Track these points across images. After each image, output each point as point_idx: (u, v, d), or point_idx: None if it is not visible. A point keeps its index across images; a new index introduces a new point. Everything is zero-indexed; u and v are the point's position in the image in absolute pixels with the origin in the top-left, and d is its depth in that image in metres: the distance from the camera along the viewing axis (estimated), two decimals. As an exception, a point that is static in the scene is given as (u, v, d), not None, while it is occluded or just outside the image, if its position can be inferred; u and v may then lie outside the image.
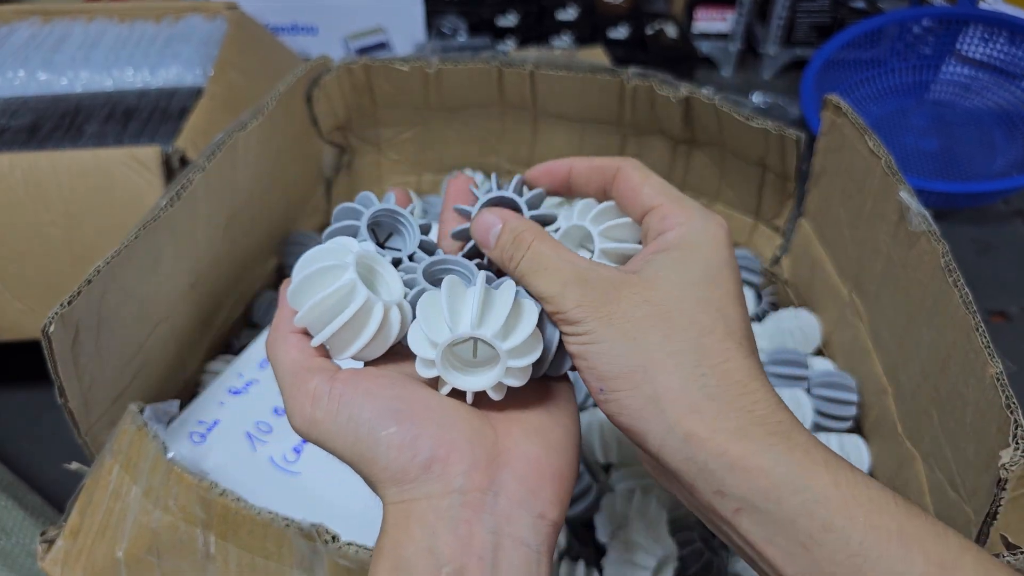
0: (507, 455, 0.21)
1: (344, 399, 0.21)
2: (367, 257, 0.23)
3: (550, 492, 0.21)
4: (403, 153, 0.60)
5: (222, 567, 0.27)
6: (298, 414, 0.21)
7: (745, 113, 0.47)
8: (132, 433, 0.29)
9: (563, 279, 0.22)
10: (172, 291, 0.40)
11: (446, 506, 0.19)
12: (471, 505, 0.19)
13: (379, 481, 0.20)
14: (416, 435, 0.20)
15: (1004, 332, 0.62)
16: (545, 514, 0.20)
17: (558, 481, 0.21)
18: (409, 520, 0.19)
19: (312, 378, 0.21)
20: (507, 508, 0.20)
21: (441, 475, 0.20)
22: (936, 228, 0.36)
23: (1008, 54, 0.80)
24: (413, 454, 0.20)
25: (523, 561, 0.19)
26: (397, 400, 0.21)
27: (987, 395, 0.30)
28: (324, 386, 0.21)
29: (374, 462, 0.20)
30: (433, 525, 0.19)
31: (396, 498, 0.20)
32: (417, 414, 0.20)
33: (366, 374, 0.22)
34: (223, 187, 0.43)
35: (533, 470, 0.21)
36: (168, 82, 0.59)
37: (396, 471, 0.20)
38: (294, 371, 0.22)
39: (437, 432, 0.20)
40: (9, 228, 0.48)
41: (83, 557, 0.29)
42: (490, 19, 0.90)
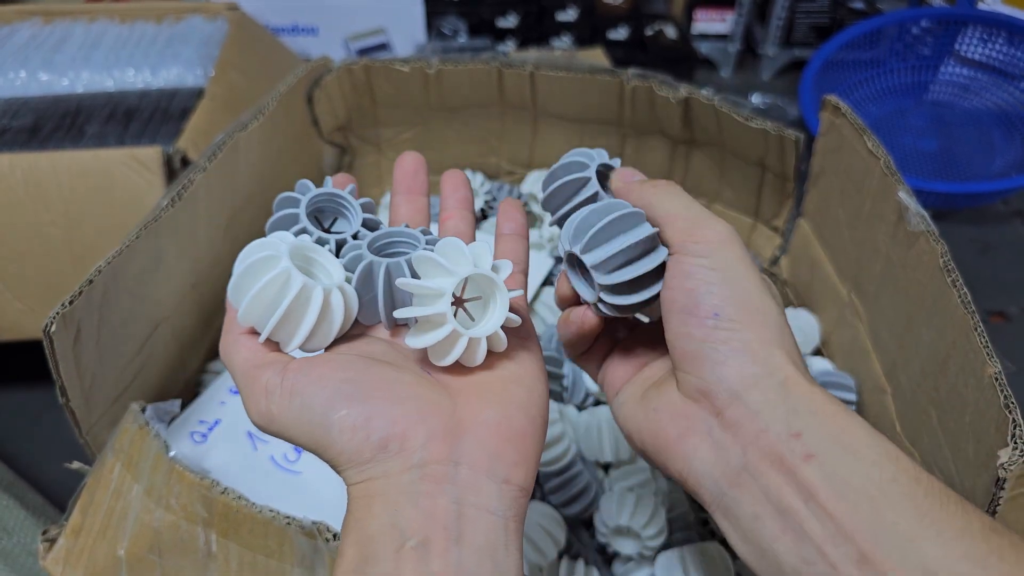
0: (467, 423, 0.21)
1: (296, 388, 0.21)
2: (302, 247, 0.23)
3: (513, 455, 0.20)
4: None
5: (223, 565, 0.27)
6: (253, 410, 0.21)
7: (744, 114, 0.47)
8: (134, 432, 0.29)
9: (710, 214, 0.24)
10: (173, 291, 0.40)
11: (406, 481, 0.19)
12: (432, 478, 0.19)
13: (338, 465, 0.20)
14: (368, 415, 0.20)
15: (1003, 332, 0.62)
16: (510, 478, 0.20)
17: (521, 442, 0.21)
18: (371, 499, 0.19)
19: (264, 373, 0.21)
20: (470, 477, 0.20)
21: (399, 452, 0.20)
22: (935, 228, 0.36)
23: (1007, 55, 0.80)
24: (367, 434, 0.20)
25: (488, 528, 0.19)
26: (348, 382, 0.21)
27: (986, 395, 0.30)
28: (275, 379, 0.21)
29: (330, 446, 0.20)
30: (395, 500, 0.19)
31: (356, 478, 0.20)
32: (369, 394, 0.20)
33: (318, 360, 0.22)
34: (224, 187, 0.43)
35: (494, 434, 0.20)
36: (169, 82, 0.59)
37: (352, 453, 0.20)
38: (246, 370, 0.22)
39: (390, 409, 0.20)
40: (10, 228, 0.48)
41: (84, 556, 0.29)
42: (490, 20, 0.90)
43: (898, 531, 0.18)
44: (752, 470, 0.20)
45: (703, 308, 0.22)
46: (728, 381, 0.21)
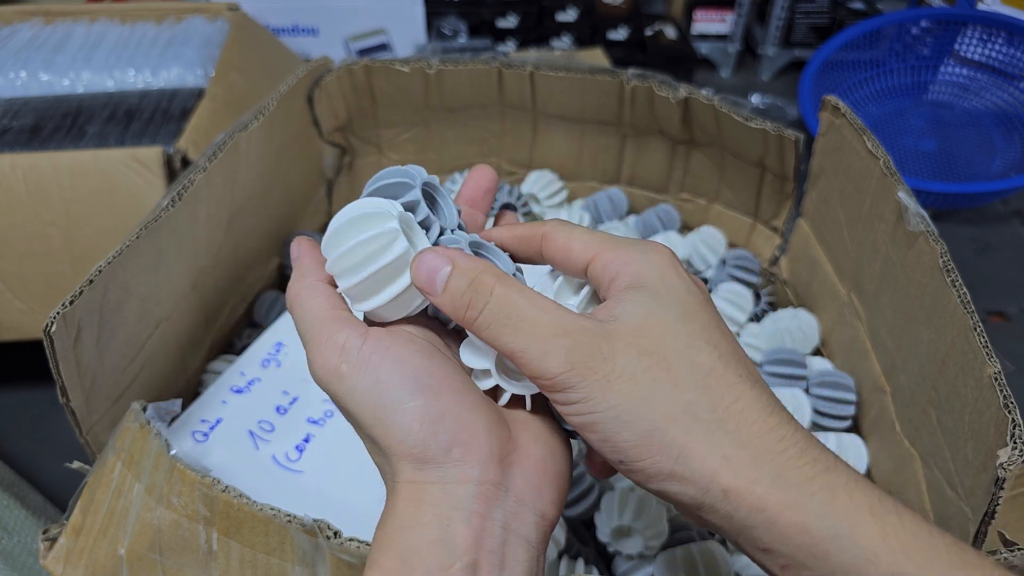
0: (518, 453, 0.20)
1: (374, 359, 0.20)
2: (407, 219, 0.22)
3: (552, 493, 0.20)
4: (403, 154, 0.60)
5: (224, 563, 0.27)
6: (322, 364, 0.20)
7: (744, 114, 0.47)
8: (135, 431, 0.29)
9: (543, 335, 0.19)
10: (174, 291, 0.40)
11: (461, 495, 0.19)
12: (484, 497, 0.19)
13: (394, 453, 0.19)
14: (441, 414, 0.19)
15: (1003, 332, 0.62)
16: (546, 514, 0.20)
17: (558, 484, 0.21)
18: (422, 504, 0.19)
19: (342, 329, 0.20)
20: (515, 505, 0.19)
21: (460, 461, 0.19)
22: (934, 228, 0.36)
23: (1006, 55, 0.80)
24: (435, 432, 0.19)
25: (527, 558, 0.19)
26: (426, 373, 0.20)
27: (985, 395, 0.30)
28: (355, 340, 0.20)
29: (394, 431, 0.19)
30: (448, 514, 0.18)
31: (410, 477, 0.19)
32: (444, 393, 0.20)
33: (396, 337, 0.21)
34: (224, 187, 0.43)
35: (539, 471, 0.20)
36: (169, 83, 0.59)
37: (415, 445, 0.19)
38: (322, 319, 0.21)
39: (462, 416, 0.20)
40: (10, 228, 0.48)
41: (85, 555, 0.29)
42: (490, 20, 0.90)
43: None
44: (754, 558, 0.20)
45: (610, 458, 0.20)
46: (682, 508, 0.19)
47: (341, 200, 0.59)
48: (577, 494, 0.38)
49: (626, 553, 0.37)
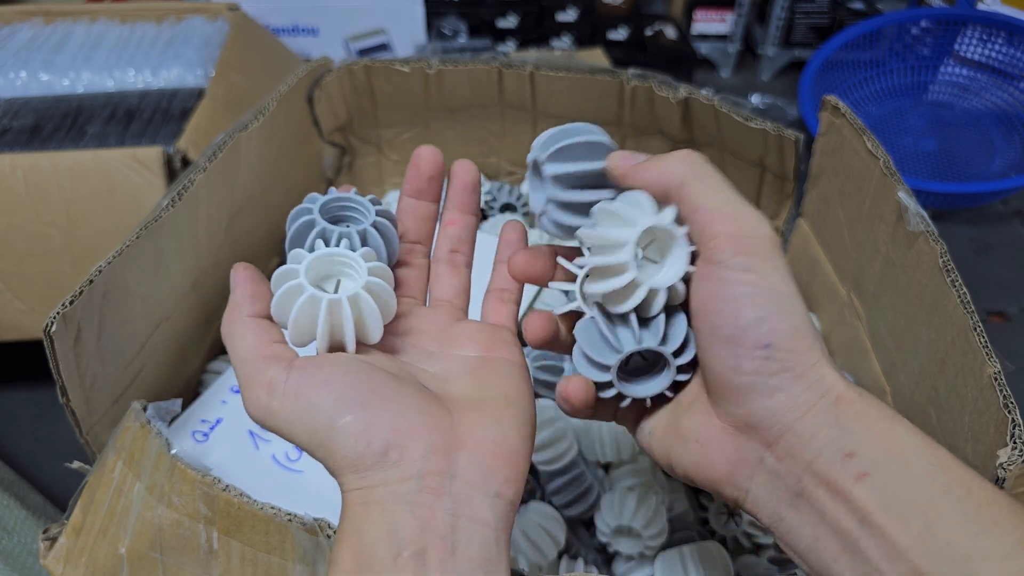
0: (464, 439, 0.21)
1: (301, 389, 0.21)
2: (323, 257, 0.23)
3: (505, 471, 0.21)
4: (404, 154, 0.60)
5: (224, 562, 0.27)
6: (254, 403, 0.21)
7: (744, 114, 0.47)
8: (135, 430, 0.29)
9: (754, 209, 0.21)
10: (174, 291, 0.40)
11: (405, 491, 0.20)
12: (429, 489, 0.20)
13: (337, 468, 0.20)
14: (372, 422, 0.20)
15: (1003, 332, 0.63)
16: (502, 493, 0.21)
17: (513, 460, 0.21)
18: (368, 505, 0.20)
19: (268, 367, 0.21)
20: (464, 489, 0.20)
21: (398, 461, 0.20)
22: (934, 228, 0.36)
23: (1006, 55, 0.80)
24: (369, 441, 0.20)
25: (482, 540, 0.20)
26: (353, 388, 0.21)
27: (985, 395, 0.30)
28: (280, 375, 0.21)
29: (332, 450, 0.20)
30: (392, 509, 0.19)
31: (355, 484, 0.20)
32: (373, 402, 0.21)
33: (322, 361, 0.22)
34: (224, 187, 0.43)
35: (488, 452, 0.21)
36: (170, 83, 0.59)
37: (354, 458, 0.20)
38: (251, 359, 0.22)
39: (393, 419, 0.20)
40: (10, 228, 0.48)
41: (86, 554, 0.29)
42: (490, 21, 0.90)
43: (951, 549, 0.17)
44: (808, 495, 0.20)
45: (752, 338, 0.20)
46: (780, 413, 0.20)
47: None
48: (577, 494, 0.38)
49: (626, 553, 0.37)
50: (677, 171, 0.22)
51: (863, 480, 0.19)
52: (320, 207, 0.25)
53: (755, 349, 0.20)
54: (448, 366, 0.24)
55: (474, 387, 0.23)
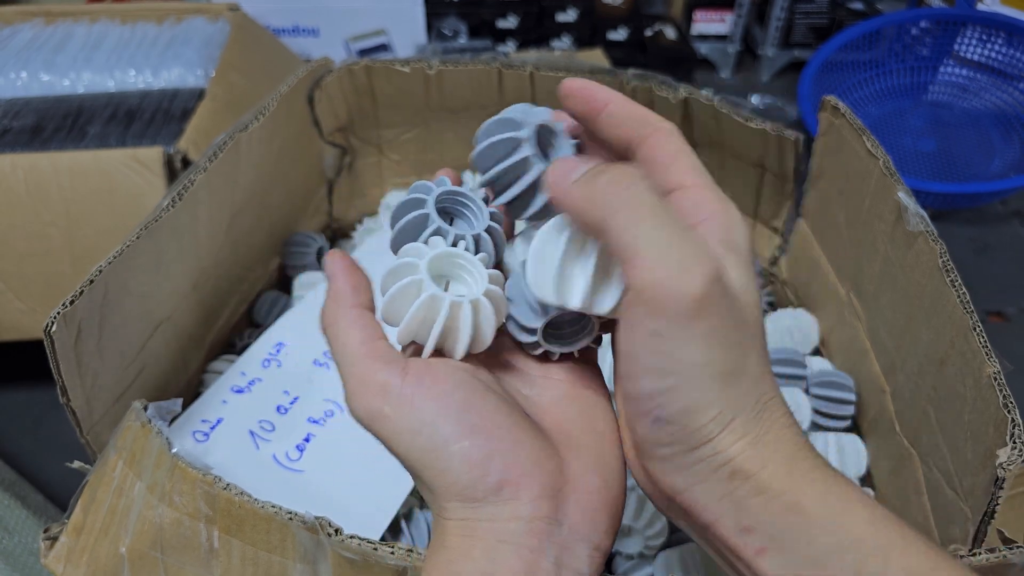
0: (571, 484, 0.20)
1: (416, 400, 0.19)
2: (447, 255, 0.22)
3: (606, 524, 0.20)
4: (404, 154, 0.60)
5: (225, 561, 0.27)
6: (364, 407, 0.20)
7: (744, 114, 0.47)
8: (136, 429, 0.29)
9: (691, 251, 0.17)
10: (174, 291, 0.40)
11: (512, 530, 0.19)
12: (536, 533, 0.19)
13: (443, 494, 0.19)
14: (489, 453, 0.19)
15: (1002, 332, 0.63)
16: (600, 545, 0.20)
17: (614, 510, 0.20)
18: (473, 539, 0.19)
19: (381, 367, 0.20)
20: (569, 539, 0.19)
21: (511, 499, 0.19)
22: (933, 228, 0.36)
23: (1006, 55, 0.80)
24: (484, 473, 0.19)
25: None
26: (471, 410, 0.20)
27: (984, 394, 0.30)
28: (396, 379, 0.20)
29: (443, 474, 0.19)
30: (496, 549, 0.18)
31: (459, 515, 0.19)
32: (490, 430, 0.19)
33: (436, 372, 0.20)
34: (225, 188, 0.43)
35: (595, 500, 0.20)
36: (170, 83, 0.59)
37: (464, 487, 0.19)
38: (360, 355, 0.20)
39: (510, 452, 0.19)
40: (10, 228, 0.48)
41: (86, 554, 0.29)
42: (490, 21, 0.90)
43: None
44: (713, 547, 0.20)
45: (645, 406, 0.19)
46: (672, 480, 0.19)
47: (341, 200, 0.59)
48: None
49: (626, 553, 0.37)
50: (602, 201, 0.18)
51: (763, 555, 0.18)
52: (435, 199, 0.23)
53: (646, 417, 0.19)
54: (541, 391, 0.23)
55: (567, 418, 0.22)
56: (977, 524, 0.29)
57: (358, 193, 0.60)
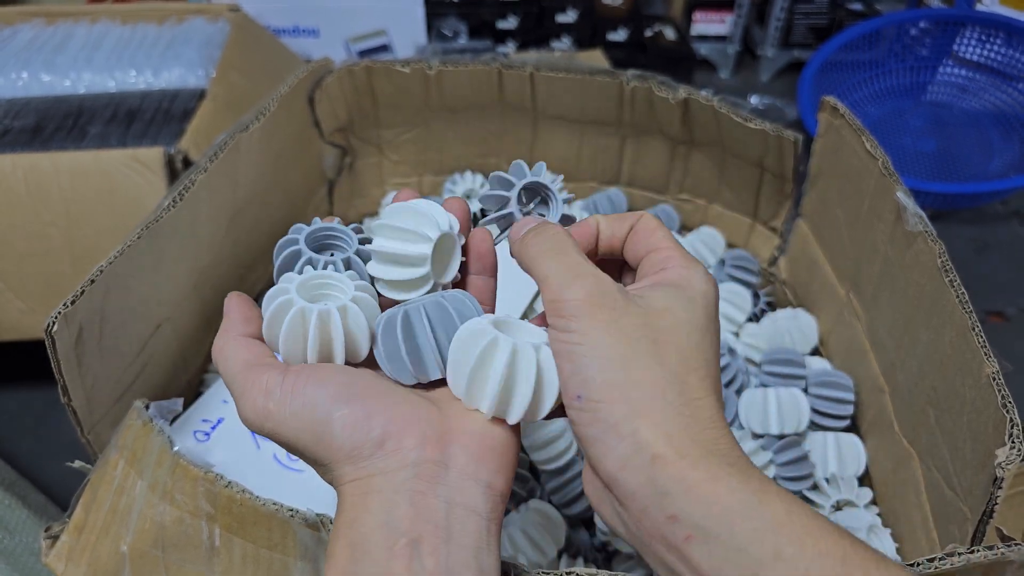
0: (454, 431, 0.22)
1: (296, 388, 0.21)
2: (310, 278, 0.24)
3: (495, 462, 0.21)
4: (404, 154, 0.60)
5: (226, 560, 0.27)
6: (250, 407, 0.22)
7: (743, 115, 0.47)
8: (138, 428, 0.29)
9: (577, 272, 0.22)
10: (175, 291, 0.40)
11: (401, 479, 0.20)
12: (425, 477, 0.20)
13: (334, 461, 0.21)
14: (368, 414, 0.21)
15: (1002, 332, 0.63)
16: (492, 484, 0.21)
17: (502, 452, 0.22)
18: (367, 495, 0.20)
19: (264, 373, 0.22)
20: (458, 479, 0.21)
21: (395, 450, 0.21)
22: (933, 228, 0.36)
23: (1005, 55, 0.80)
24: (367, 431, 0.21)
25: (475, 528, 0.20)
26: (347, 385, 0.22)
27: (983, 394, 0.30)
28: (276, 378, 0.22)
29: (329, 443, 0.21)
30: (390, 498, 0.20)
31: (352, 475, 0.21)
32: (367, 396, 0.22)
33: (317, 368, 0.22)
34: (225, 188, 0.43)
35: (478, 443, 0.22)
36: (171, 83, 0.59)
37: (351, 449, 0.21)
38: (244, 369, 0.22)
39: (388, 411, 0.21)
40: (11, 228, 0.48)
41: (87, 552, 0.29)
42: (490, 22, 0.91)
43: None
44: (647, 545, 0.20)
45: (569, 389, 0.21)
46: (603, 464, 0.20)
47: (342, 200, 0.59)
48: (576, 493, 0.38)
49: (626, 552, 0.37)
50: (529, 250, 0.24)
51: (690, 541, 0.19)
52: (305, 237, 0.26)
53: (572, 399, 0.21)
54: None
55: None
56: (976, 523, 0.29)
57: (358, 193, 0.60)
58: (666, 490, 0.19)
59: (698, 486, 0.19)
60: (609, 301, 0.21)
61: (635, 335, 0.21)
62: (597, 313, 0.21)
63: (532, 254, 0.24)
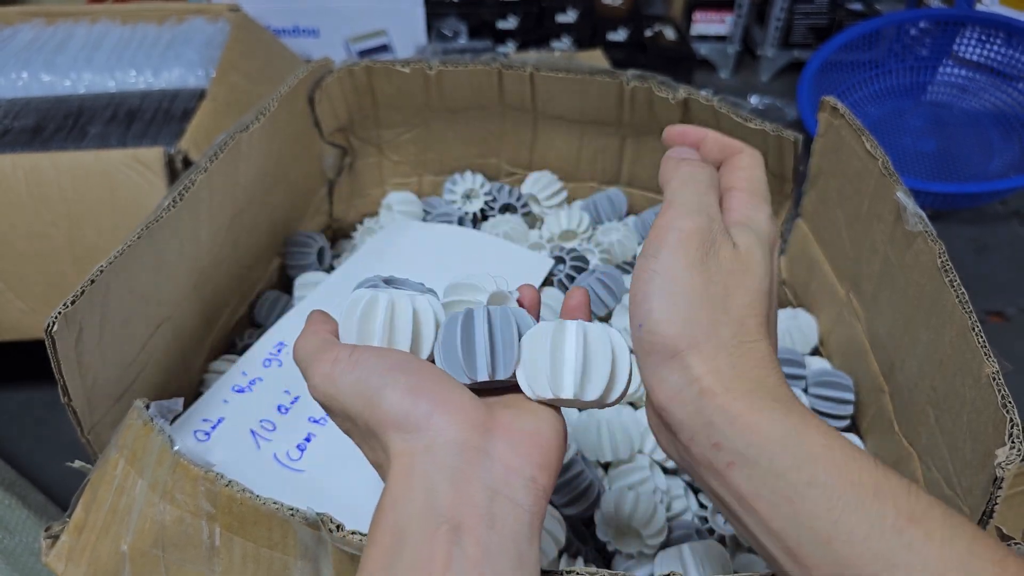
0: (500, 425, 0.22)
1: (360, 358, 0.23)
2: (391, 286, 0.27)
3: (540, 458, 0.22)
4: (404, 154, 0.60)
5: (227, 559, 0.27)
6: (317, 373, 0.23)
7: (743, 115, 0.47)
8: (138, 428, 0.29)
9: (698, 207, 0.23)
10: (175, 291, 0.40)
11: (445, 457, 0.21)
12: (468, 459, 0.21)
13: (383, 427, 0.22)
14: (419, 389, 0.22)
15: (1002, 332, 0.63)
16: (536, 478, 0.21)
17: (547, 449, 0.22)
18: (411, 475, 0.21)
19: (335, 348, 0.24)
20: (501, 469, 0.21)
21: (442, 427, 0.21)
22: (932, 228, 0.36)
23: (1005, 55, 0.80)
24: (415, 401, 0.21)
25: (517, 518, 0.20)
26: (405, 361, 0.23)
27: (983, 394, 0.30)
28: (345, 352, 0.23)
29: (379, 406, 0.22)
30: (433, 477, 0.20)
31: (398, 447, 0.21)
32: (422, 375, 0.22)
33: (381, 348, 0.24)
34: (226, 188, 0.43)
35: (524, 439, 0.22)
36: (171, 84, 0.59)
37: (399, 415, 0.21)
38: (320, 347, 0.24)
39: (438, 392, 0.22)
40: (11, 228, 0.48)
41: (87, 552, 0.29)
42: (490, 22, 0.91)
43: (816, 533, 0.19)
44: (695, 470, 0.22)
45: (635, 314, 0.23)
46: (656, 393, 0.22)
47: (342, 200, 0.59)
48: (576, 493, 0.38)
49: (626, 552, 0.37)
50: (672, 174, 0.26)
51: (732, 468, 0.20)
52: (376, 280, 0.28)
53: (635, 327, 0.22)
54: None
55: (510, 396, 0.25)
56: (976, 523, 0.29)
57: (358, 193, 0.60)
58: (711, 420, 0.21)
59: (740, 417, 0.20)
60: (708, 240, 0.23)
61: (714, 278, 0.22)
62: (690, 249, 0.22)
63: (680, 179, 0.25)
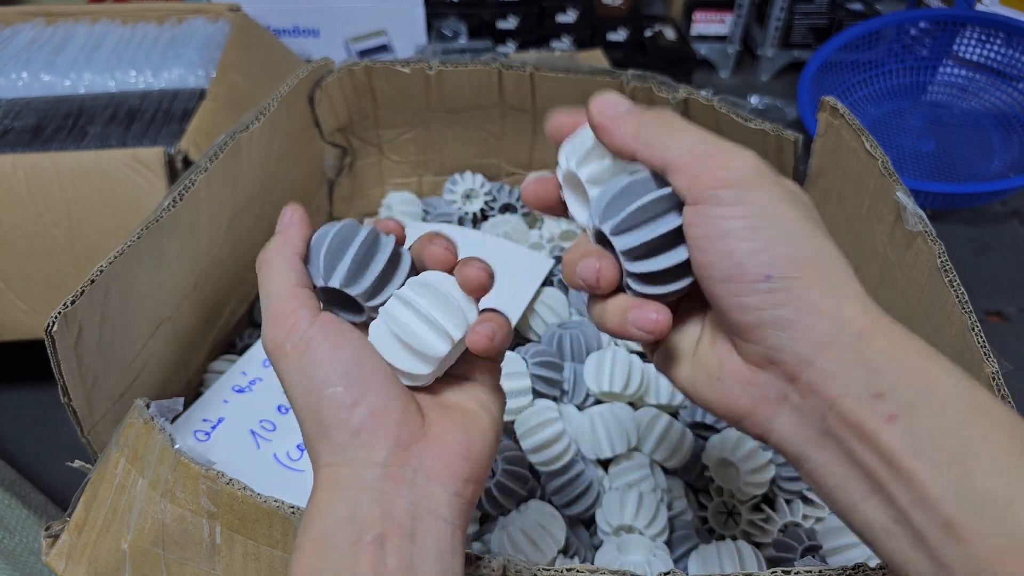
0: (432, 438, 0.22)
1: (313, 343, 0.21)
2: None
3: (467, 473, 0.22)
4: (404, 154, 0.60)
5: (227, 557, 0.27)
6: (272, 336, 0.22)
7: (743, 115, 0.47)
8: (139, 427, 0.29)
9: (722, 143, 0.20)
10: (175, 291, 0.40)
11: (370, 477, 0.20)
12: (393, 479, 0.21)
13: (315, 436, 0.21)
14: (357, 402, 0.21)
15: (1002, 332, 0.63)
16: (461, 492, 0.21)
17: (477, 464, 0.22)
18: (336, 488, 0.21)
19: (297, 308, 0.22)
20: (426, 484, 0.21)
21: (367, 445, 0.21)
22: (932, 228, 0.36)
23: (1004, 56, 0.81)
24: (348, 417, 0.21)
25: (439, 532, 0.21)
26: (354, 364, 0.22)
27: (982, 393, 0.30)
28: (305, 321, 0.22)
29: (316, 414, 0.21)
30: (356, 496, 0.20)
31: (327, 459, 0.21)
32: (366, 384, 0.21)
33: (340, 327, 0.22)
34: (226, 188, 0.43)
35: (453, 453, 0.22)
36: (171, 84, 0.59)
37: (330, 428, 0.21)
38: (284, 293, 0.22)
39: (375, 403, 0.21)
40: (12, 228, 0.48)
41: (88, 551, 0.29)
42: (490, 22, 0.91)
43: (988, 497, 0.16)
44: (834, 434, 0.19)
45: (750, 272, 0.19)
46: (797, 346, 0.19)
47: (342, 201, 0.59)
48: (577, 493, 0.39)
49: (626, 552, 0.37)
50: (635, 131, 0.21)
51: (892, 422, 0.18)
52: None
53: (755, 283, 0.19)
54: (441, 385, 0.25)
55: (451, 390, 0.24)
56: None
57: (358, 193, 0.60)
58: (876, 367, 0.18)
59: (909, 361, 0.18)
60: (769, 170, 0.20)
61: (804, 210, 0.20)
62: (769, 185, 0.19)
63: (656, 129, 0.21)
